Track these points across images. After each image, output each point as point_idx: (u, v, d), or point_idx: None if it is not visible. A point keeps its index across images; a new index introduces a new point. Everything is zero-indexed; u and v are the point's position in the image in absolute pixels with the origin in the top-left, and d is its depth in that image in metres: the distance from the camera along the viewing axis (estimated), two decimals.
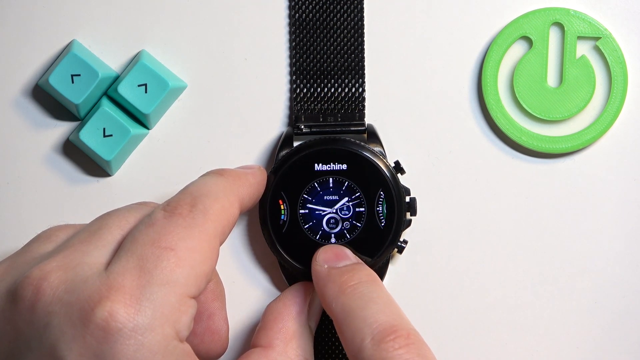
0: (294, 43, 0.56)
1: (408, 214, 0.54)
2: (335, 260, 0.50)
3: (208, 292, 0.51)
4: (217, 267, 0.54)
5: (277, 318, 0.50)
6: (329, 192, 0.54)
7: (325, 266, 0.50)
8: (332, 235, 0.54)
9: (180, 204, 0.45)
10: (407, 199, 0.54)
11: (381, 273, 0.55)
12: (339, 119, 0.55)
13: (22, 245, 0.47)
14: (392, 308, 0.46)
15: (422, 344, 0.45)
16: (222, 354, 0.51)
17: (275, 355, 0.48)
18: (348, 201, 0.54)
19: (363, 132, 0.55)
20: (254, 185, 0.51)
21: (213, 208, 0.45)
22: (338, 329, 0.46)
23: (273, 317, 0.50)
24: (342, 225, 0.54)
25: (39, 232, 0.48)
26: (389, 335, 0.44)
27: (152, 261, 0.42)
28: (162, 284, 0.42)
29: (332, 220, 0.54)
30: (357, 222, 0.54)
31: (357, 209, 0.54)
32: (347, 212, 0.54)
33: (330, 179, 0.54)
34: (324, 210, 0.54)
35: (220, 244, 0.46)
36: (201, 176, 0.49)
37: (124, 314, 0.41)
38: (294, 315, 0.50)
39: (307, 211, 0.54)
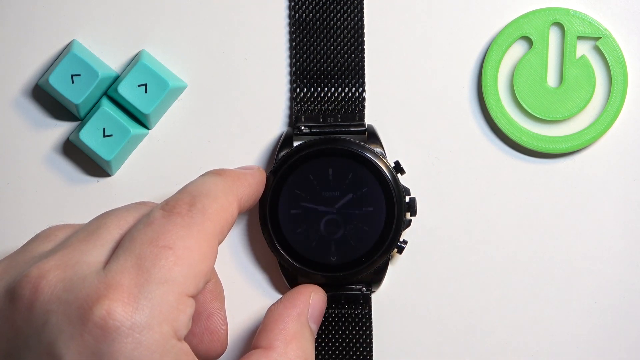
0: (294, 43, 0.56)
1: (408, 214, 0.54)
2: None
3: (207, 292, 0.51)
4: (217, 267, 0.54)
5: (277, 319, 0.50)
6: (329, 191, 0.54)
7: None
8: (332, 235, 0.54)
9: (179, 203, 0.45)
10: (407, 199, 0.54)
11: (381, 273, 0.55)
12: (339, 120, 0.55)
13: (21, 245, 0.47)
14: None
15: None
16: (222, 353, 0.51)
17: (276, 357, 0.48)
18: (348, 201, 0.54)
19: (363, 132, 0.55)
20: (253, 186, 0.51)
21: (212, 207, 0.45)
22: None
23: (273, 319, 0.50)
24: (342, 225, 0.54)
25: (38, 232, 0.48)
26: None
27: (150, 260, 0.42)
28: (160, 282, 0.42)
29: (332, 220, 0.54)
30: (357, 221, 0.54)
31: (356, 209, 0.54)
32: (347, 212, 0.54)
33: (331, 179, 0.54)
34: (324, 210, 0.54)
35: (219, 244, 0.46)
36: (200, 176, 0.49)
37: (122, 313, 0.41)
38: (294, 316, 0.50)
39: (307, 211, 0.54)
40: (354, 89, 0.56)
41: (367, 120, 0.56)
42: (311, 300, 0.52)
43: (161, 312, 0.42)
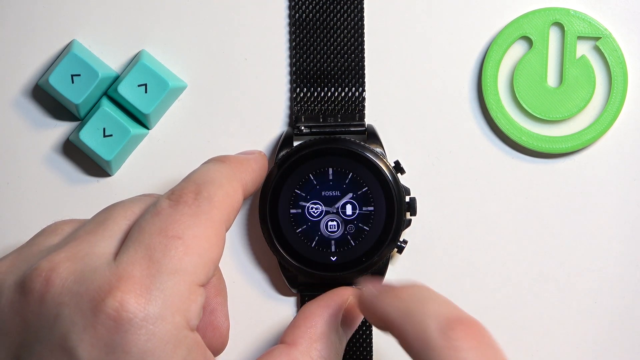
0: (294, 43, 0.56)
1: (408, 214, 0.54)
2: (379, 285, 0.48)
3: (211, 287, 0.51)
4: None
5: (307, 317, 0.49)
6: (329, 191, 0.54)
7: (375, 290, 0.46)
8: (332, 234, 0.54)
9: (185, 192, 0.45)
10: (407, 199, 0.54)
11: (381, 273, 0.55)
12: (339, 120, 0.55)
13: (27, 240, 0.47)
14: (451, 304, 0.44)
15: (488, 333, 0.43)
16: (222, 350, 0.51)
17: (297, 354, 0.48)
18: (348, 201, 0.54)
19: (363, 132, 0.55)
20: (257, 171, 0.51)
21: (217, 195, 0.46)
22: (399, 335, 0.43)
23: (304, 316, 0.49)
24: (342, 225, 0.54)
25: (44, 227, 0.48)
26: (456, 325, 0.42)
27: (160, 250, 0.43)
28: (171, 273, 0.42)
29: (332, 220, 0.54)
30: (356, 221, 0.54)
31: (357, 209, 0.54)
32: (347, 212, 0.54)
33: (331, 178, 0.54)
34: (324, 210, 0.54)
35: (226, 230, 0.46)
36: (203, 164, 0.49)
37: (135, 304, 0.41)
38: (325, 317, 0.49)
39: (307, 210, 0.54)
40: (354, 89, 0.56)
41: (367, 120, 0.56)
42: (349, 303, 0.51)
43: (173, 302, 0.42)
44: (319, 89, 0.56)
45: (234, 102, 0.57)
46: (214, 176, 0.47)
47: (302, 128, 0.55)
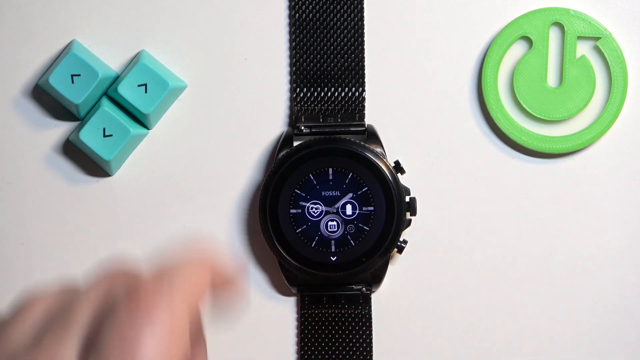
0: (294, 43, 0.56)
1: (408, 214, 0.54)
2: None
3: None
4: None
5: None
6: (329, 191, 0.54)
7: None
8: (332, 234, 0.54)
9: (144, 292, 0.43)
10: (407, 199, 0.54)
11: (381, 273, 0.55)
12: (339, 120, 0.55)
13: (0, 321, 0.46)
14: None
15: None
16: None
17: None
18: (348, 201, 0.54)
19: (363, 132, 0.55)
20: (197, 285, 0.47)
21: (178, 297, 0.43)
22: None
23: None
24: (342, 225, 0.54)
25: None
26: None
27: None
28: None
29: (332, 220, 0.54)
30: (356, 221, 0.54)
31: (357, 209, 0.54)
32: (347, 212, 0.54)
33: (331, 178, 0.54)
34: (324, 210, 0.54)
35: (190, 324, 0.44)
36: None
37: None
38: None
39: (307, 210, 0.54)
40: (354, 89, 0.56)
41: (367, 120, 0.56)
42: None
43: None
44: (319, 89, 0.56)
45: (234, 102, 0.57)
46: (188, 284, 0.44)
47: (302, 128, 0.55)
